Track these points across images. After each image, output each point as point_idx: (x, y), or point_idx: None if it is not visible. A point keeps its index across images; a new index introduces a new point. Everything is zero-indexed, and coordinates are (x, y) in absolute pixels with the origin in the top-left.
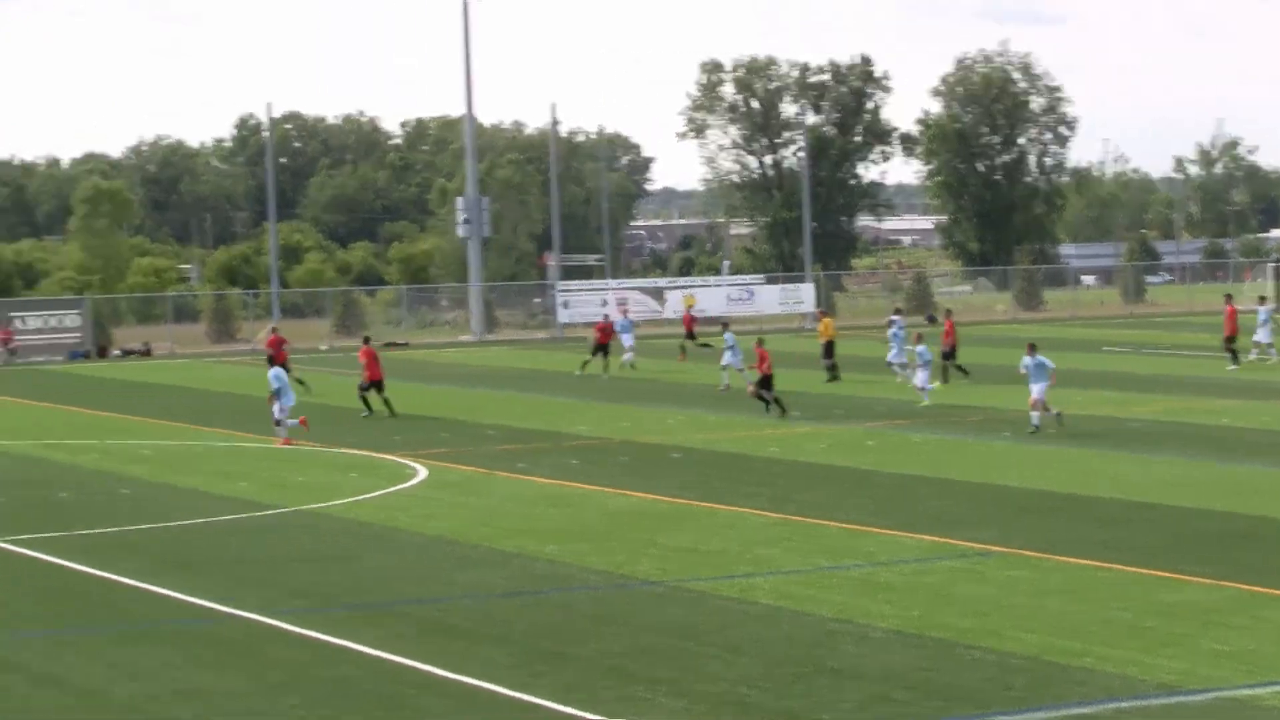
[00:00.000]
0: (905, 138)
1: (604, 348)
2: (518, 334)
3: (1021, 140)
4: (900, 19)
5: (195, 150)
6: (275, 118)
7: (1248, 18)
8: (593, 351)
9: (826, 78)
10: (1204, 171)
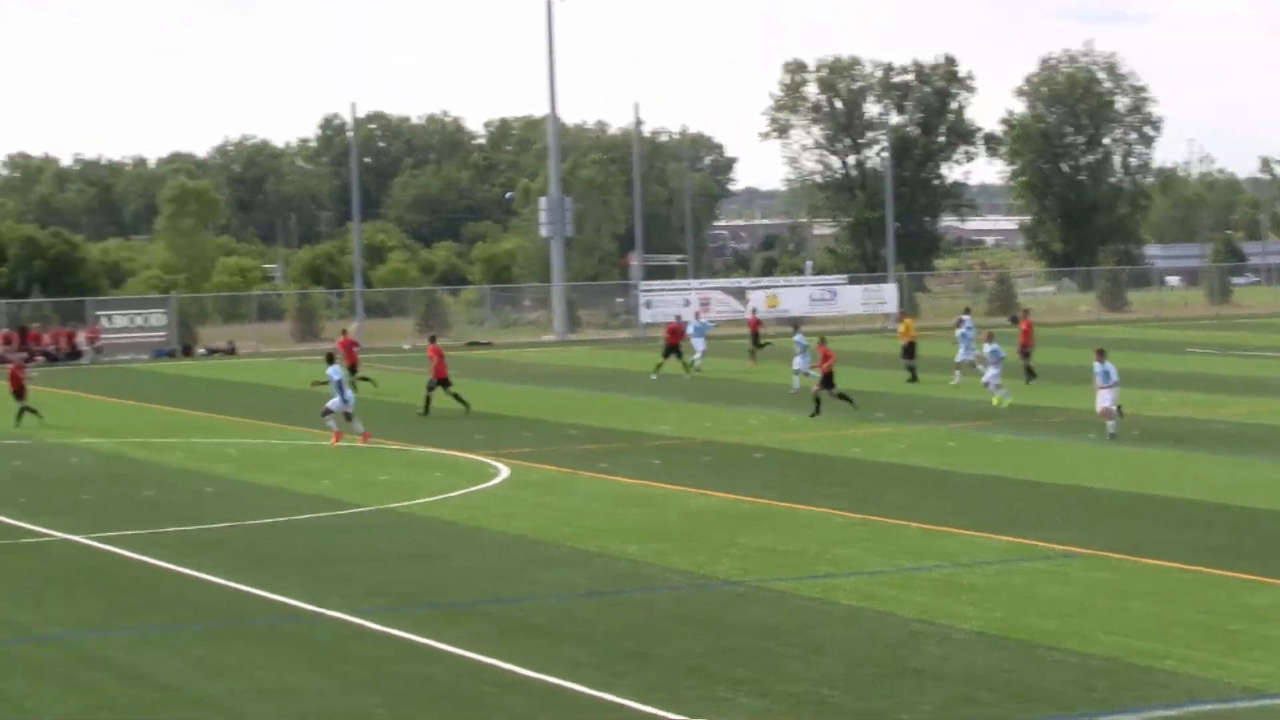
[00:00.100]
0: (989, 138)
1: (675, 349)
2: (600, 334)
3: (1106, 140)
4: (985, 19)
5: (280, 150)
6: (360, 118)
7: None
8: (664, 354)
9: (910, 78)
10: None
